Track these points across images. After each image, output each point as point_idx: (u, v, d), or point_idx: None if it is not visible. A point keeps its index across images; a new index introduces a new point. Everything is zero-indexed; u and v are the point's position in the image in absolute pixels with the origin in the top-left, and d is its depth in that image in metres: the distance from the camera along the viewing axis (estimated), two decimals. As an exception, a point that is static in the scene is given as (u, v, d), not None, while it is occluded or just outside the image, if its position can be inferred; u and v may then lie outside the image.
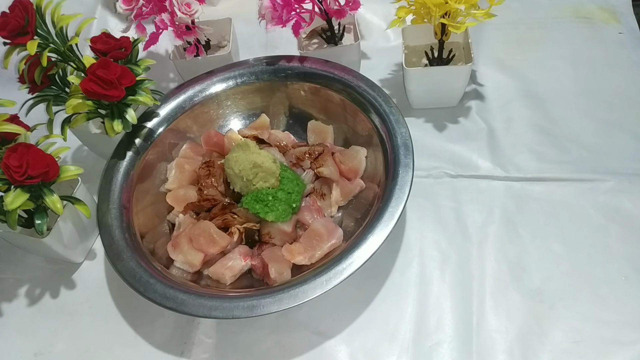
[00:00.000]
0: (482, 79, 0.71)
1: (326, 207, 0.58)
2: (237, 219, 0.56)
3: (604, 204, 0.58)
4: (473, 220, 0.58)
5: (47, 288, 0.60)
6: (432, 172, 0.63)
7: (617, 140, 0.63)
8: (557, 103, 0.68)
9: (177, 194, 0.60)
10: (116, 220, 0.54)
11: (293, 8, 0.62)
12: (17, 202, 0.49)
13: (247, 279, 0.55)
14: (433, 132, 0.67)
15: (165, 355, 0.53)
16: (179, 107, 0.64)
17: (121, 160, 0.59)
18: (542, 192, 0.60)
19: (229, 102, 0.67)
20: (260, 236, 0.57)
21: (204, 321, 0.55)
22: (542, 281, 0.53)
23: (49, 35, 0.55)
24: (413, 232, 0.58)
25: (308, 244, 0.54)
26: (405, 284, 0.55)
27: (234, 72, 0.66)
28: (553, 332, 0.50)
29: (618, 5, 0.78)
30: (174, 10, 0.64)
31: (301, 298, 0.46)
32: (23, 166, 0.48)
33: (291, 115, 0.68)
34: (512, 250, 0.56)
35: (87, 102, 0.56)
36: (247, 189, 0.56)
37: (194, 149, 0.65)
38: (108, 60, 0.55)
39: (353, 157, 0.60)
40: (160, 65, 0.72)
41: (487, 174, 0.62)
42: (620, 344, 0.48)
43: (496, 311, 0.52)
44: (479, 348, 0.50)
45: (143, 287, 0.49)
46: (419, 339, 0.51)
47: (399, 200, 0.50)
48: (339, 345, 0.52)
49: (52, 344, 0.55)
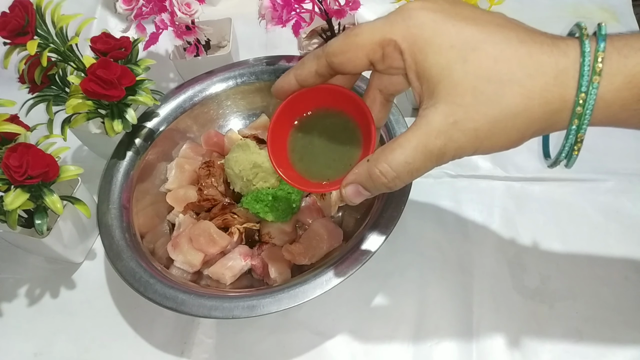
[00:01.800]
0: (482, 79, 0.71)
1: (326, 207, 0.58)
2: (237, 219, 0.56)
3: (604, 204, 0.58)
4: (473, 220, 0.58)
5: (47, 288, 0.60)
6: (432, 172, 0.63)
7: (617, 140, 0.63)
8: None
9: (177, 194, 0.60)
10: (116, 220, 0.54)
11: (293, 8, 0.62)
12: (17, 202, 0.49)
13: (247, 279, 0.55)
14: (433, 132, 0.67)
15: (165, 355, 0.53)
16: (179, 107, 0.64)
17: (121, 160, 0.59)
18: (542, 192, 0.60)
19: (229, 102, 0.67)
20: (260, 236, 0.57)
21: (204, 321, 0.55)
22: (542, 281, 0.53)
23: (49, 35, 0.55)
24: (413, 232, 0.58)
25: (308, 244, 0.54)
26: (405, 284, 0.55)
27: (234, 72, 0.66)
28: (553, 332, 0.50)
29: (618, 5, 0.78)
30: (174, 10, 0.64)
31: (301, 298, 0.46)
32: (23, 166, 0.48)
33: (291, 115, 0.68)
34: (512, 250, 0.56)
35: (87, 102, 0.56)
36: (247, 189, 0.56)
37: (194, 149, 0.65)
38: (108, 60, 0.55)
39: (353, 157, 0.60)
40: (160, 65, 0.72)
41: (487, 174, 0.62)
42: (620, 344, 0.48)
43: (496, 311, 0.52)
44: (479, 348, 0.50)
45: (143, 287, 0.49)
46: (419, 339, 0.51)
47: (399, 201, 0.50)
48: (339, 345, 0.52)
49: (52, 344, 0.55)
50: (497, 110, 0.30)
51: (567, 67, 0.29)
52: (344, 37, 0.33)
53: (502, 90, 0.29)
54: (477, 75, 0.30)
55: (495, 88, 0.29)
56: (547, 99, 0.29)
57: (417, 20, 0.31)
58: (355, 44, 0.33)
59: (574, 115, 0.30)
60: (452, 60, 0.30)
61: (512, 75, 0.29)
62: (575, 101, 0.29)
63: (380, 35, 0.32)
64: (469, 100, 0.30)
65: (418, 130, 0.31)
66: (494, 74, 0.29)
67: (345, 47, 0.33)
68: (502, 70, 0.29)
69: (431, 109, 0.31)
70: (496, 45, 0.30)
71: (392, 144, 0.32)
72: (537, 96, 0.29)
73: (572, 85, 0.29)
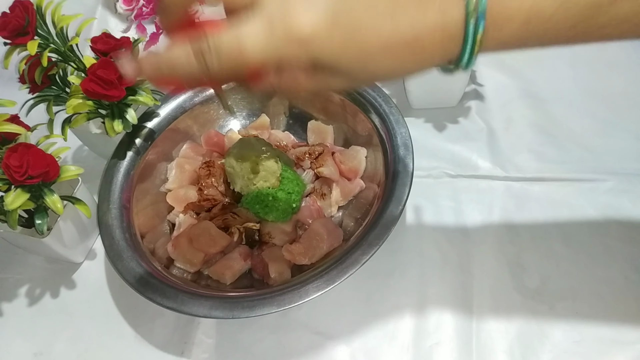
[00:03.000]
0: (482, 79, 0.71)
1: (326, 207, 0.58)
2: (237, 219, 0.56)
3: (604, 204, 0.58)
4: (473, 220, 0.59)
5: (47, 288, 0.60)
6: (432, 172, 0.63)
7: (617, 140, 0.63)
8: (557, 103, 0.68)
9: (177, 194, 0.60)
10: (116, 220, 0.54)
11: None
12: (17, 202, 0.49)
13: (247, 279, 0.55)
14: (433, 132, 0.67)
15: (165, 355, 0.53)
16: (179, 107, 0.64)
17: (121, 160, 0.59)
18: (542, 192, 0.60)
19: (229, 102, 0.67)
20: (260, 236, 0.57)
21: (204, 321, 0.55)
22: (542, 281, 0.53)
23: (49, 35, 0.56)
24: (413, 232, 0.58)
25: (308, 244, 0.54)
26: (405, 284, 0.55)
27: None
28: (553, 332, 0.50)
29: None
30: (174, 11, 0.64)
31: (301, 298, 0.46)
32: (23, 166, 0.48)
33: (291, 115, 0.68)
34: (512, 250, 0.56)
35: (87, 102, 0.56)
36: (247, 188, 0.56)
37: (194, 149, 0.65)
38: (108, 60, 0.55)
39: (353, 157, 0.60)
40: (161, 65, 0.72)
41: (487, 174, 0.62)
42: (620, 344, 0.48)
43: (496, 311, 0.52)
44: (479, 348, 0.50)
45: (143, 287, 0.49)
46: (419, 339, 0.51)
47: (399, 200, 0.50)
48: (339, 345, 0.52)
49: (52, 344, 0.55)
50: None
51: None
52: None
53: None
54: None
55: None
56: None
57: None
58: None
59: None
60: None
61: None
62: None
63: None
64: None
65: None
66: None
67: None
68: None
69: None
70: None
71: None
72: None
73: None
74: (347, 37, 0.28)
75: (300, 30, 0.27)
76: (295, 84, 0.31)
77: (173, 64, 0.30)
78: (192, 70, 0.29)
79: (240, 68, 0.29)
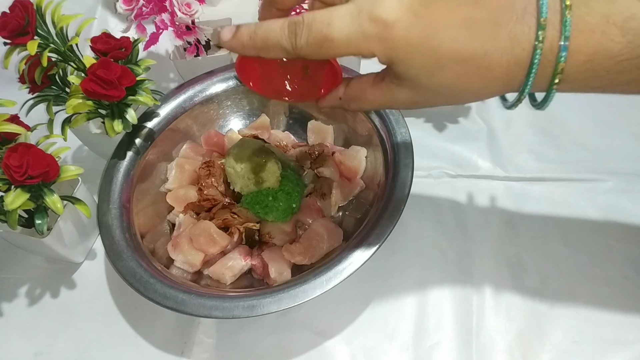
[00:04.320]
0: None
1: (326, 207, 0.58)
2: (237, 219, 0.56)
3: (604, 204, 0.58)
4: (473, 220, 0.59)
5: (47, 288, 0.60)
6: (432, 172, 0.63)
7: (617, 140, 0.63)
8: (556, 103, 0.67)
9: (177, 194, 0.60)
10: (116, 220, 0.54)
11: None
12: (17, 202, 0.49)
13: (247, 279, 0.55)
14: (433, 132, 0.67)
15: (165, 355, 0.53)
16: (179, 107, 0.64)
17: (121, 160, 0.59)
18: (542, 192, 0.60)
19: (229, 102, 0.67)
20: (260, 236, 0.57)
21: (204, 321, 0.55)
22: (542, 281, 0.53)
23: (49, 35, 0.56)
24: (413, 232, 0.58)
25: (308, 244, 0.54)
26: (405, 284, 0.55)
27: (234, 72, 0.66)
28: (553, 332, 0.50)
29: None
30: (174, 11, 0.64)
31: (301, 298, 0.46)
32: (23, 166, 0.48)
33: (291, 115, 0.68)
34: (512, 250, 0.56)
35: (87, 102, 0.56)
36: (247, 188, 0.56)
37: (194, 149, 0.65)
38: (108, 60, 0.55)
39: (353, 157, 0.60)
40: (160, 65, 0.72)
41: (487, 174, 0.62)
42: (620, 344, 0.48)
43: (496, 311, 0.52)
44: (479, 348, 0.50)
45: (143, 287, 0.49)
46: (419, 339, 0.51)
47: (399, 200, 0.50)
48: (339, 345, 0.52)
49: (52, 344, 0.55)
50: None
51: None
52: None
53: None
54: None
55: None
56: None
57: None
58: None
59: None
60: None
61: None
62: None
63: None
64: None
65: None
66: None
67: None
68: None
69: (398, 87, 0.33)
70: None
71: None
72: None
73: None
74: (424, 35, 0.29)
75: (384, 16, 0.29)
76: (362, 95, 0.34)
77: (267, 33, 0.33)
78: (282, 40, 0.32)
79: (325, 46, 0.31)
